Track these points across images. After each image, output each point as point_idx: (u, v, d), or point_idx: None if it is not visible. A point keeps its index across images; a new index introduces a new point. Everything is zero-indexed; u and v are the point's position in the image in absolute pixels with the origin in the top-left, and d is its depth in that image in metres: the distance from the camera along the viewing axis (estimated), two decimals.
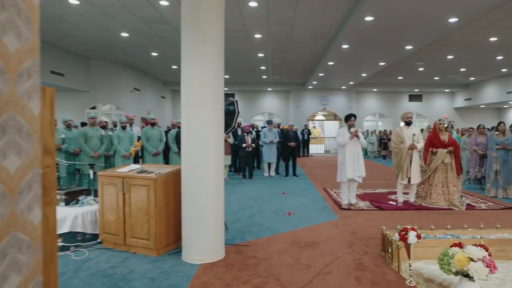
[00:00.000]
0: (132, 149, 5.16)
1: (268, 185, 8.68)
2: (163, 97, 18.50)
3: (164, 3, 7.38)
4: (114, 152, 7.10)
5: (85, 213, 4.30)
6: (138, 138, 4.61)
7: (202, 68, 3.70)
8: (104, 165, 6.55)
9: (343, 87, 18.94)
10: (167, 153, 8.37)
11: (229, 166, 9.86)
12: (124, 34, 9.71)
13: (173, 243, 4.12)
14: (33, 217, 1.03)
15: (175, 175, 4.07)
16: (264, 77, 17.27)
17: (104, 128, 7.55)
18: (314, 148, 20.44)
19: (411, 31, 8.48)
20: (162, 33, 9.64)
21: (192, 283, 3.21)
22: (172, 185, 4.06)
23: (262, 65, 14.29)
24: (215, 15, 3.76)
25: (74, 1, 7.29)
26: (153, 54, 12.19)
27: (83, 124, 9.30)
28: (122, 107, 13.59)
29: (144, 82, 15.69)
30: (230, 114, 4.92)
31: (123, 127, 7.19)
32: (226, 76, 16.44)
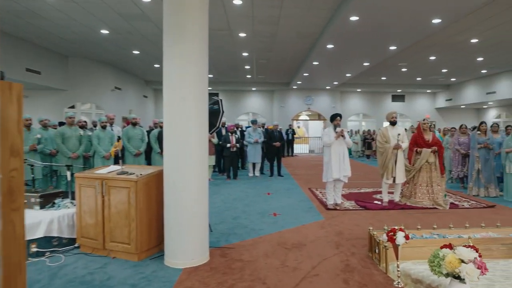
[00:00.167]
0: (112, 150, 4.95)
1: (253, 186, 8.59)
2: (145, 96, 18.17)
3: None
4: (94, 153, 6.85)
5: (62, 217, 4.10)
6: (118, 138, 4.42)
7: (185, 67, 3.59)
8: (83, 166, 6.31)
9: (328, 87, 19.04)
10: (149, 154, 8.16)
11: (213, 166, 9.73)
12: (104, 31, 9.43)
13: (155, 247, 3.97)
14: None
15: (157, 176, 3.92)
16: (249, 77, 17.18)
17: (83, 128, 7.29)
18: (299, 148, 20.52)
19: (396, 31, 8.53)
20: (144, 31, 9.40)
21: None
22: (154, 187, 3.92)
23: (247, 65, 14.19)
24: (199, 13, 3.65)
25: None
26: (135, 52, 11.90)
27: (62, 124, 8.97)
28: (103, 106, 13.24)
29: (126, 81, 15.34)
30: (215, 114, 4.79)
31: (103, 127, 6.95)
32: (210, 76, 16.24)
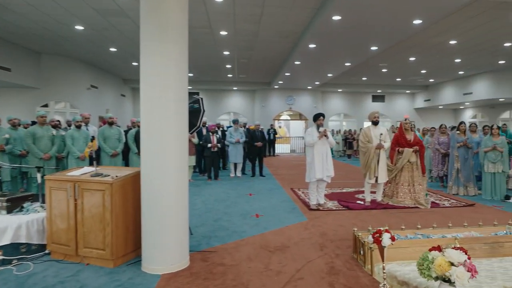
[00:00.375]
0: (86, 150, 4.69)
1: (235, 186, 8.45)
2: (123, 95, 17.70)
3: None
4: (68, 154, 6.54)
5: (31, 222, 3.85)
6: (92, 138, 4.18)
7: (164, 65, 3.44)
8: (56, 168, 5.98)
9: (309, 87, 19.10)
10: (127, 154, 7.89)
11: (194, 167, 9.53)
12: (79, 27, 9.05)
13: (132, 252, 3.78)
14: None
15: (134, 178, 3.73)
16: (230, 76, 17.02)
17: (56, 128, 6.96)
18: (280, 148, 20.51)
19: (377, 31, 8.57)
20: (121, 27, 9.09)
21: None
22: (131, 189, 3.73)
23: (228, 64, 14.02)
24: (178, 9, 3.51)
25: None
26: (112, 50, 11.52)
27: (34, 123, 8.56)
28: (78, 105, 12.76)
29: (102, 79, 14.86)
30: (195, 113, 4.62)
31: (78, 127, 6.64)
32: (190, 74, 15.99)
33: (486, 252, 3.61)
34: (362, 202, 6.31)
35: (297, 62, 12.37)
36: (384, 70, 15.16)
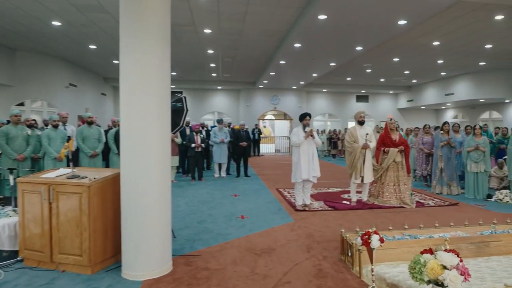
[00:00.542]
0: (62, 151, 4.46)
1: (219, 187, 8.30)
2: (104, 94, 17.23)
3: None
4: (44, 154, 6.24)
5: (2, 227, 3.65)
6: (68, 138, 3.97)
7: (145, 62, 3.29)
8: (31, 169, 5.70)
9: (294, 87, 19.08)
10: (108, 155, 7.63)
11: (177, 167, 9.33)
12: (56, 23, 8.68)
13: (112, 258, 3.60)
14: None
15: (114, 180, 3.56)
16: (214, 75, 16.80)
17: (32, 127, 6.64)
18: (265, 148, 20.44)
19: (363, 31, 8.56)
20: (101, 23, 8.78)
21: None
22: (110, 191, 3.55)
23: (212, 62, 13.82)
24: (160, 4, 3.37)
25: None
26: (91, 47, 11.14)
27: (9, 122, 8.18)
28: (56, 104, 12.30)
29: (82, 78, 14.39)
30: (178, 112, 4.47)
31: (55, 126, 6.35)
32: (173, 73, 15.71)
33: (473, 252, 3.60)
34: (348, 202, 6.27)
35: (282, 62, 12.29)
36: (369, 71, 15.26)
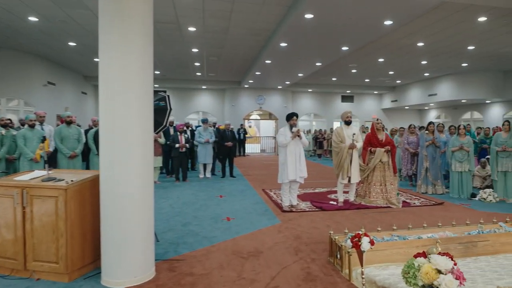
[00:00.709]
0: (37, 152, 4.23)
1: (204, 188, 8.14)
2: (84, 93, 16.78)
3: None
4: (20, 155, 5.96)
5: None
6: (43, 139, 3.75)
7: (126, 59, 3.12)
8: (6, 171, 5.43)
9: (279, 87, 19.04)
10: (88, 155, 7.37)
11: (161, 168, 9.11)
12: (33, 19, 8.34)
13: (90, 264, 3.41)
14: None
15: (93, 182, 3.37)
16: (199, 74, 16.59)
17: (6, 127, 6.34)
18: (250, 148, 20.32)
19: (349, 31, 8.54)
20: (80, 20, 8.49)
21: None
22: (89, 194, 3.37)
23: (197, 61, 13.61)
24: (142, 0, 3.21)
25: None
26: (71, 44, 10.79)
27: None
28: (33, 103, 11.87)
29: (61, 76, 13.95)
30: (161, 111, 4.30)
31: (31, 126, 6.07)
32: (157, 72, 15.42)
33: (461, 252, 3.58)
34: (335, 203, 6.22)
35: (268, 61, 12.21)
36: (354, 71, 15.35)
